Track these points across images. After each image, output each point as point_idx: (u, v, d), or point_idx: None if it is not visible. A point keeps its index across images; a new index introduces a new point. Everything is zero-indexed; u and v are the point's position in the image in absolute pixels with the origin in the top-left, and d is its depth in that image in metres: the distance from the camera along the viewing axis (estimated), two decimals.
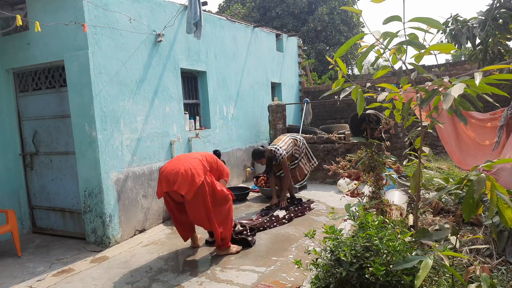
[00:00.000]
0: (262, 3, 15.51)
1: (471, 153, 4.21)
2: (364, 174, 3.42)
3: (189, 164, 3.60)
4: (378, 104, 2.78)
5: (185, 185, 3.45)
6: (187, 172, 3.50)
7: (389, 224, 2.56)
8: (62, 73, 4.55)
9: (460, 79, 2.10)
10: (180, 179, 3.47)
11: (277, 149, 5.36)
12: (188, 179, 3.47)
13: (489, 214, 1.91)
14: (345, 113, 9.51)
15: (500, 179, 3.15)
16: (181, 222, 3.91)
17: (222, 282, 3.25)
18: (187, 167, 3.55)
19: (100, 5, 4.24)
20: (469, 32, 4.68)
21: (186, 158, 3.77)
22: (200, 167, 3.63)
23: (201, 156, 3.84)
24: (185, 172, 3.50)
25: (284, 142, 5.57)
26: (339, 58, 2.36)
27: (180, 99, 5.56)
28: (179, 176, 3.48)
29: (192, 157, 3.77)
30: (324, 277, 2.40)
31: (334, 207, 4.71)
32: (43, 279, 3.57)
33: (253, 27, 7.88)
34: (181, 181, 3.46)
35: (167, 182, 3.54)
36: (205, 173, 3.63)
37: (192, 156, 3.84)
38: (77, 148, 4.33)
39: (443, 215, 3.99)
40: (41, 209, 5.02)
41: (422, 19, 2.08)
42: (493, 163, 2.04)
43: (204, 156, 3.91)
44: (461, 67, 9.72)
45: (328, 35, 15.22)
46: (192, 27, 5.19)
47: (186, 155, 3.88)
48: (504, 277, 2.60)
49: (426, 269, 1.85)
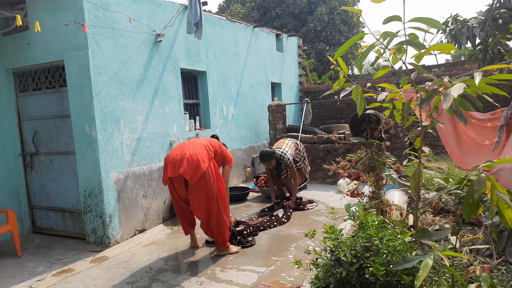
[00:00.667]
0: (262, 3, 15.51)
1: (471, 153, 4.21)
2: (364, 174, 3.42)
3: (194, 149, 3.60)
4: (378, 104, 2.79)
5: (190, 170, 3.47)
6: (192, 157, 3.52)
7: (389, 224, 2.56)
8: (62, 73, 4.55)
9: (460, 79, 2.10)
10: (185, 163, 3.48)
11: (284, 153, 5.45)
12: (194, 165, 3.49)
13: (489, 214, 1.91)
14: (345, 113, 9.51)
15: (500, 179, 3.14)
16: (184, 213, 3.92)
17: (222, 282, 3.25)
18: (193, 152, 3.56)
19: (100, 5, 4.24)
20: (469, 32, 4.68)
21: (191, 144, 3.75)
22: (205, 153, 3.64)
23: (206, 142, 3.85)
24: (190, 157, 3.52)
25: (289, 147, 5.66)
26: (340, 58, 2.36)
27: (180, 99, 5.56)
28: (184, 161, 3.50)
29: (197, 143, 3.76)
30: (324, 277, 2.40)
31: (334, 207, 4.72)
32: (43, 279, 3.57)
33: (253, 27, 7.88)
34: (186, 166, 3.47)
35: (173, 167, 3.55)
36: (210, 159, 3.65)
37: (197, 142, 3.83)
38: (77, 148, 4.33)
39: (443, 215, 3.99)
40: (41, 209, 5.02)
41: (422, 19, 2.09)
42: (493, 163, 2.04)
43: (209, 141, 3.91)
44: (461, 67, 9.72)
45: (328, 35, 15.22)
46: (192, 27, 5.19)
47: (191, 141, 3.86)
48: (504, 277, 2.59)
49: (426, 269, 1.85)
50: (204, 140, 3.94)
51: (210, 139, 4.05)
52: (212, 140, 4.00)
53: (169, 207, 5.30)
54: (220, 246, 3.82)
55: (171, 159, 3.61)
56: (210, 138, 4.07)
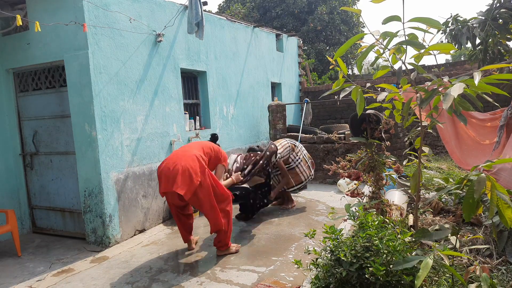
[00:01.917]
0: (262, 3, 15.51)
1: (471, 153, 4.21)
2: (364, 174, 3.42)
3: (187, 162, 3.56)
4: (378, 104, 2.79)
5: (184, 185, 3.44)
6: (184, 173, 3.48)
7: (389, 224, 2.56)
8: (62, 73, 4.55)
9: (460, 79, 2.10)
10: (178, 179, 3.45)
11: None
12: (186, 180, 3.46)
13: (489, 214, 1.91)
14: (345, 113, 9.51)
15: (500, 179, 3.14)
16: (181, 219, 3.95)
17: (222, 282, 3.26)
18: (185, 166, 3.51)
19: (100, 5, 4.24)
20: (469, 32, 4.68)
21: (184, 154, 3.71)
22: (197, 165, 3.59)
23: (198, 150, 3.80)
24: (183, 172, 3.48)
25: (282, 146, 5.52)
26: (339, 58, 2.37)
27: (180, 99, 5.56)
28: (177, 176, 3.46)
29: (189, 154, 3.70)
30: (324, 277, 2.40)
31: (334, 207, 4.72)
32: (43, 279, 3.57)
33: (253, 27, 7.89)
34: (179, 182, 3.45)
35: (166, 182, 3.54)
36: (203, 171, 3.61)
37: (189, 151, 3.76)
38: (77, 148, 4.33)
39: (443, 215, 3.99)
40: (41, 209, 5.02)
41: (422, 19, 2.09)
42: (493, 163, 2.04)
43: (202, 148, 3.88)
44: (461, 67, 9.72)
45: (328, 35, 15.22)
46: (194, 27, 5.18)
47: (183, 151, 3.80)
48: (504, 277, 2.59)
49: (426, 269, 1.85)
50: (197, 147, 3.89)
51: (204, 143, 4.02)
52: (205, 145, 3.97)
53: (169, 207, 5.29)
54: (221, 247, 3.84)
55: (164, 173, 3.58)
56: (203, 143, 4.03)
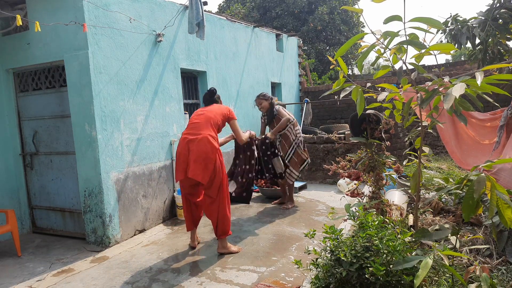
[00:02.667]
0: (262, 3, 15.51)
1: (471, 153, 4.21)
2: (364, 174, 3.42)
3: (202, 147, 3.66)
4: (378, 104, 2.79)
5: (199, 171, 3.60)
6: (199, 158, 3.62)
7: (389, 224, 2.56)
8: (62, 73, 4.55)
9: (460, 79, 2.10)
10: (192, 165, 3.61)
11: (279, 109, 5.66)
12: (201, 166, 3.62)
13: (489, 214, 1.91)
14: (345, 113, 9.51)
15: (500, 179, 3.14)
16: (191, 210, 4.01)
17: (222, 282, 3.26)
18: (200, 151, 3.64)
19: (100, 5, 4.24)
20: (469, 32, 4.68)
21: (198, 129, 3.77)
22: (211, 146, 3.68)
23: (213, 122, 3.85)
24: (198, 156, 3.62)
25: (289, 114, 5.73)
26: (340, 58, 2.37)
27: (180, 99, 5.56)
28: (191, 163, 3.62)
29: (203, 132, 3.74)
30: (324, 277, 2.40)
31: (334, 207, 4.72)
32: (43, 279, 3.57)
33: (253, 27, 7.88)
34: (194, 169, 3.60)
35: (183, 171, 3.68)
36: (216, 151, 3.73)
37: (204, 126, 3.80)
38: (77, 148, 4.33)
39: (443, 215, 3.99)
40: (41, 209, 5.02)
41: (423, 19, 2.09)
42: (493, 163, 2.04)
43: (214, 115, 3.90)
44: (461, 67, 9.72)
45: (328, 35, 15.22)
46: (194, 27, 5.18)
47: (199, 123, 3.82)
48: (504, 277, 2.59)
49: (425, 269, 1.85)
50: (211, 116, 3.88)
51: (215, 109, 4.00)
52: (216, 111, 3.97)
53: (169, 207, 5.30)
54: (221, 236, 3.85)
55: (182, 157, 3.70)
56: (215, 109, 4.01)
